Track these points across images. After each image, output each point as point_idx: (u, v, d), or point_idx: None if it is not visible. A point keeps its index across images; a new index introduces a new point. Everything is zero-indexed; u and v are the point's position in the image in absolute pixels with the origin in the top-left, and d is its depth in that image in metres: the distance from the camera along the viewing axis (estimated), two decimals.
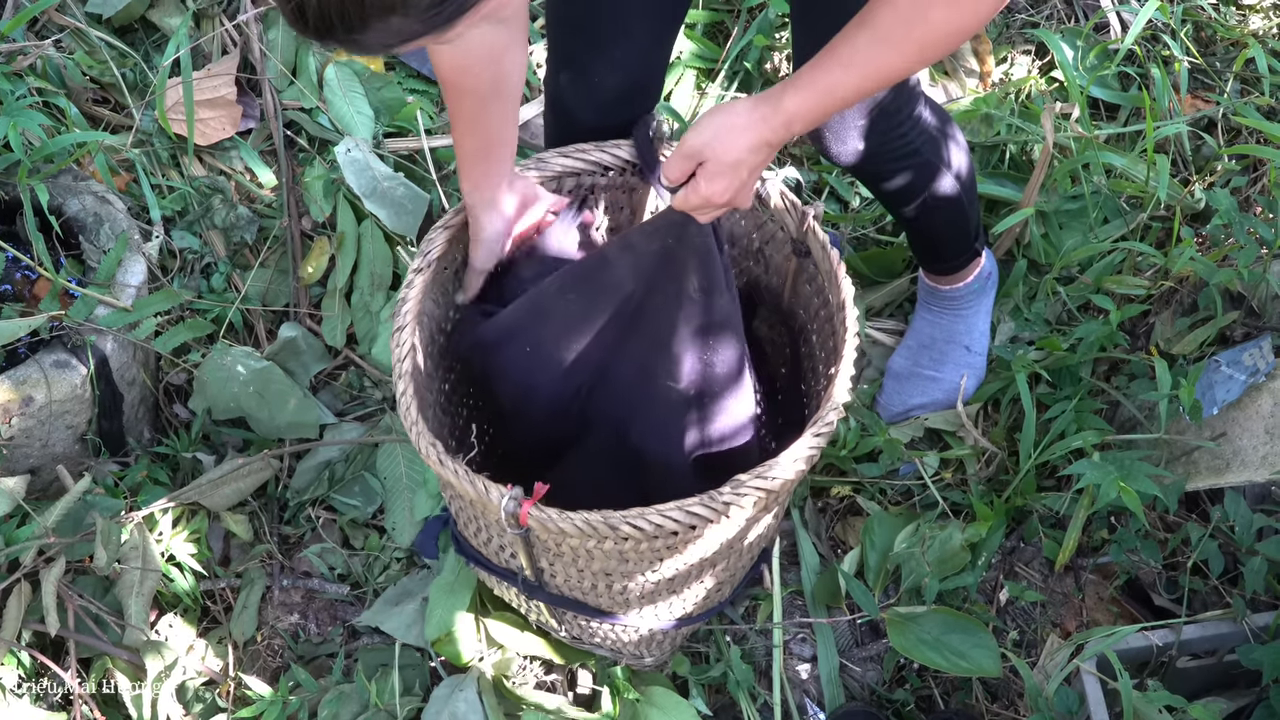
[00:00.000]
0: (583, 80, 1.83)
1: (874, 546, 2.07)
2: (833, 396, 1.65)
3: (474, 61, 1.64)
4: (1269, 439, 1.91)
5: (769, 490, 1.57)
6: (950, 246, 2.14)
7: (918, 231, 2.13)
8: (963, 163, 1.98)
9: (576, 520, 1.53)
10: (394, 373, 1.69)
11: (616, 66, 1.80)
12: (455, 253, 1.88)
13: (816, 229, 1.81)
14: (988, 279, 2.23)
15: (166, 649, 1.94)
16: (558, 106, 1.91)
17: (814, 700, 2.02)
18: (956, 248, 2.14)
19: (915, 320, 2.27)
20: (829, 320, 1.82)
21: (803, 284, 1.92)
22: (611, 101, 1.85)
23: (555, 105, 1.91)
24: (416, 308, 1.76)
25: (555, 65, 1.85)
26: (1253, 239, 2.04)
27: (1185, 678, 1.90)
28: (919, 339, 2.25)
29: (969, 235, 2.13)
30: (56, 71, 2.43)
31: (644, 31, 1.79)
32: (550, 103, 1.92)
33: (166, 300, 2.19)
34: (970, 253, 2.15)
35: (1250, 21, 2.69)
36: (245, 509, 2.19)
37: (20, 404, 1.99)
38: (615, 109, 1.86)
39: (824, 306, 1.84)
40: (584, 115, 1.87)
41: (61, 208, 2.21)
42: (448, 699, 1.92)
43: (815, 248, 1.82)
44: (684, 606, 1.86)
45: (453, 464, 1.58)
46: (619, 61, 1.80)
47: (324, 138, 2.53)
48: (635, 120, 1.86)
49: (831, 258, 1.78)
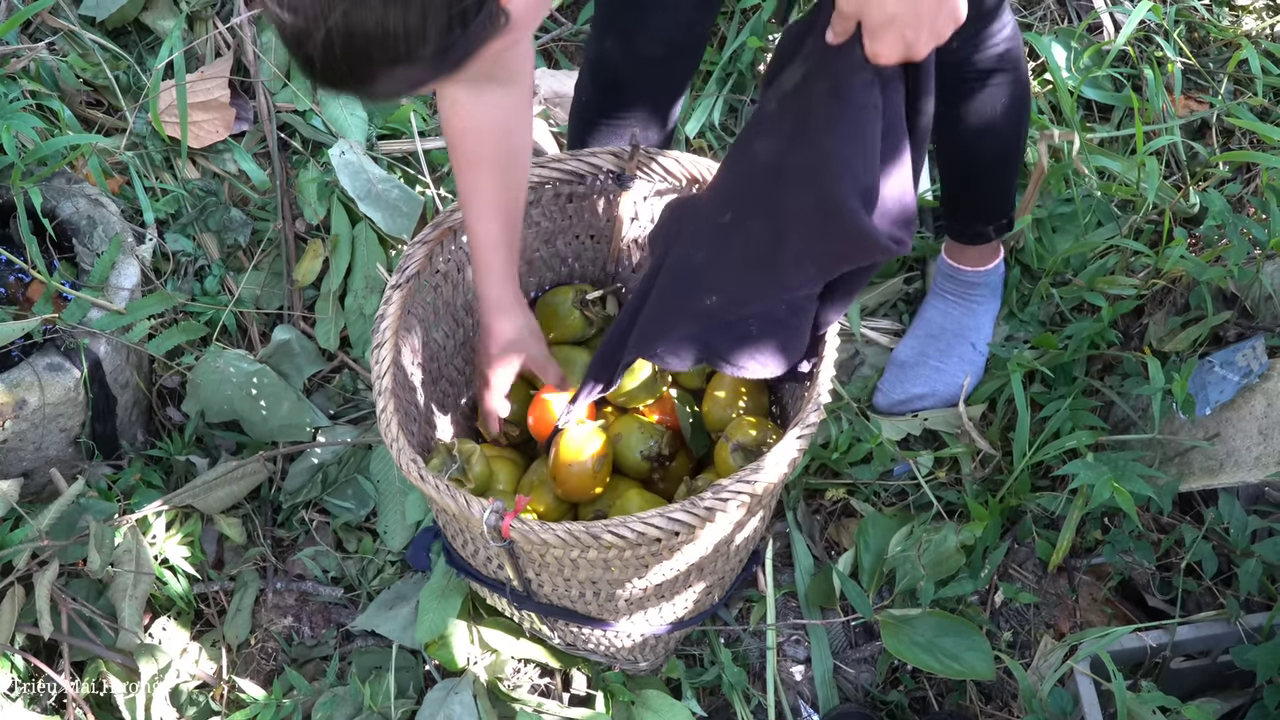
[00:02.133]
0: (624, 45, 1.88)
1: (868, 548, 2.07)
2: (814, 396, 1.65)
3: (487, 127, 1.66)
4: (1262, 439, 1.91)
5: (752, 494, 1.57)
6: (992, 202, 2.13)
7: (969, 176, 2.11)
8: (1027, 102, 1.97)
9: (558, 531, 1.54)
10: (374, 389, 1.69)
11: (656, 33, 1.85)
12: (436, 264, 1.88)
13: None
14: (1000, 278, 2.26)
15: (160, 652, 1.94)
16: (598, 70, 1.96)
17: (808, 702, 2.02)
18: (997, 205, 2.13)
19: (925, 309, 2.28)
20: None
21: None
22: (650, 66, 1.90)
23: (596, 68, 1.96)
24: (395, 324, 1.76)
25: (599, 29, 1.90)
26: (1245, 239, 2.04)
27: (1179, 679, 1.90)
28: (928, 329, 2.26)
29: (1011, 194, 2.13)
30: (50, 74, 2.43)
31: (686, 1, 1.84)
32: (591, 66, 1.97)
33: (160, 303, 2.19)
34: (1006, 220, 2.15)
35: (1243, 22, 2.69)
36: (239, 512, 2.18)
37: (14, 407, 1.98)
38: (653, 74, 1.92)
39: None
40: (624, 78, 1.92)
41: (55, 210, 2.21)
42: (442, 702, 1.92)
43: None
44: (675, 611, 1.86)
45: (434, 479, 1.59)
46: (659, 28, 1.85)
47: (317, 140, 2.53)
48: (673, 85, 1.93)
49: None
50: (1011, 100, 1.93)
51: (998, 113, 1.93)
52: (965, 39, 1.83)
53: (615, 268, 2.10)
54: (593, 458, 1.85)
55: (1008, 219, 2.16)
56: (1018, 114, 1.97)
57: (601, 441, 1.86)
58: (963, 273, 2.23)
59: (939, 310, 2.26)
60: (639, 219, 2.04)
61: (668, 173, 1.93)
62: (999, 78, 1.89)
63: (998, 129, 1.96)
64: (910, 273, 2.40)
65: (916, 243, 2.40)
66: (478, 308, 1.87)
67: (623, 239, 2.07)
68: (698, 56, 1.96)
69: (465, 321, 2.01)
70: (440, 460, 1.81)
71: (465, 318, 2.01)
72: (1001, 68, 1.88)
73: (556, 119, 2.64)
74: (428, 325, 1.91)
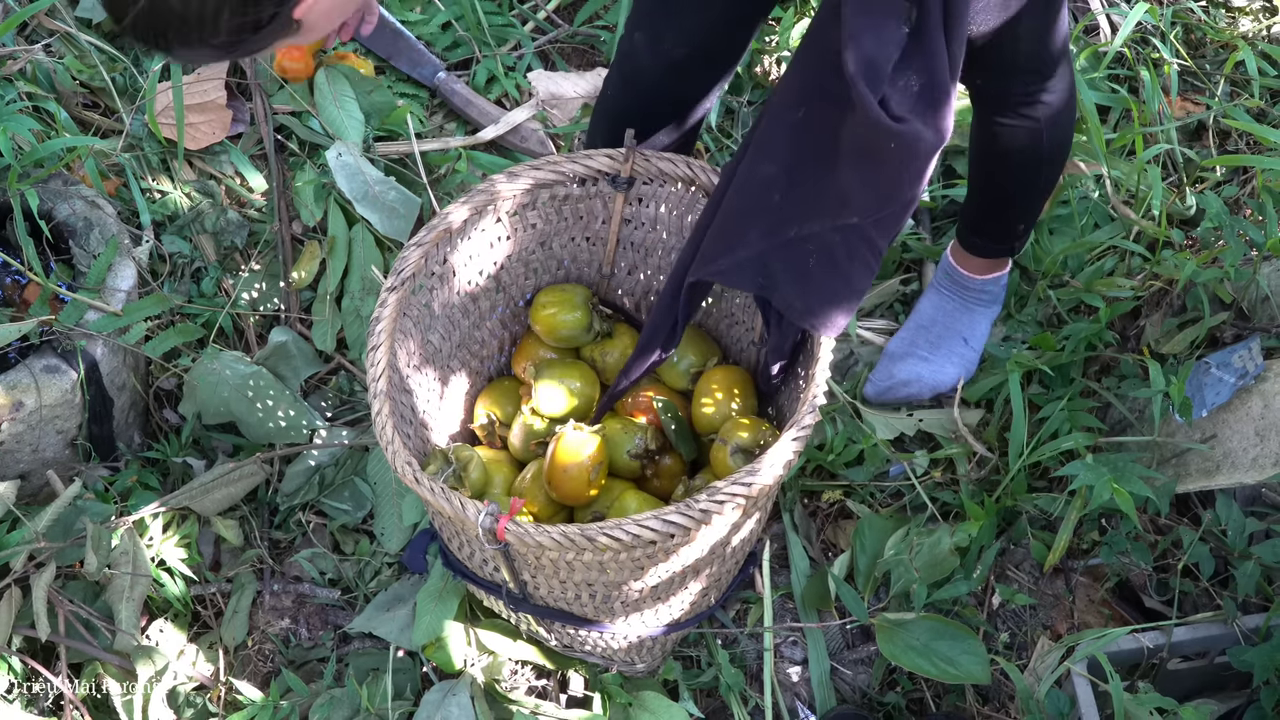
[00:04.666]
0: (652, 42, 1.86)
1: (864, 550, 2.07)
2: (808, 399, 1.65)
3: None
4: (1259, 441, 1.91)
5: (747, 496, 1.57)
6: (1014, 228, 2.12)
7: (998, 201, 2.10)
8: (1067, 148, 1.97)
9: (553, 533, 1.54)
10: (369, 392, 1.69)
11: (686, 35, 1.83)
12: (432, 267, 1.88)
13: None
14: (1003, 288, 2.25)
15: (157, 654, 1.94)
16: (623, 62, 1.94)
17: (805, 703, 2.02)
18: (1018, 230, 2.13)
19: (920, 303, 2.28)
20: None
21: None
22: (674, 67, 1.88)
23: (621, 60, 1.94)
24: (390, 327, 1.76)
25: (631, 22, 1.88)
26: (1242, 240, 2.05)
27: (1176, 680, 1.90)
28: (919, 320, 2.25)
29: (1032, 222, 2.12)
30: (46, 76, 2.43)
31: (723, 6, 1.81)
32: (618, 59, 1.96)
33: (157, 305, 2.19)
34: (1020, 239, 2.15)
35: (1240, 24, 2.70)
36: (236, 514, 2.18)
37: (10, 409, 1.98)
38: (676, 75, 1.89)
39: None
40: (646, 75, 1.90)
41: (51, 212, 2.21)
42: (439, 703, 1.92)
43: None
44: (671, 613, 1.86)
45: (429, 482, 1.59)
46: (689, 30, 1.83)
47: (314, 142, 2.53)
48: (695, 90, 1.91)
49: None
50: (1054, 147, 1.92)
51: (1045, 145, 1.91)
52: (1022, 84, 1.82)
53: (611, 270, 2.10)
54: (589, 459, 1.85)
55: (1025, 238, 2.16)
56: (1058, 159, 1.96)
57: (597, 445, 1.86)
58: (965, 278, 2.22)
59: (933, 304, 2.26)
60: (634, 222, 2.04)
61: (664, 175, 1.93)
62: (1055, 114, 1.87)
63: (1043, 157, 1.95)
64: (907, 274, 2.40)
65: (914, 244, 2.41)
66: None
67: (619, 242, 2.07)
68: (727, 67, 1.92)
69: (461, 324, 2.01)
70: (436, 466, 1.81)
71: (462, 320, 2.01)
72: (1052, 116, 1.86)
73: (554, 120, 2.64)
74: (424, 328, 1.91)
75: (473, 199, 1.89)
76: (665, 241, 2.07)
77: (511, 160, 2.58)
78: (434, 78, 2.66)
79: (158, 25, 1.20)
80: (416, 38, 2.71)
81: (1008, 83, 1.82)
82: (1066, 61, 1.82)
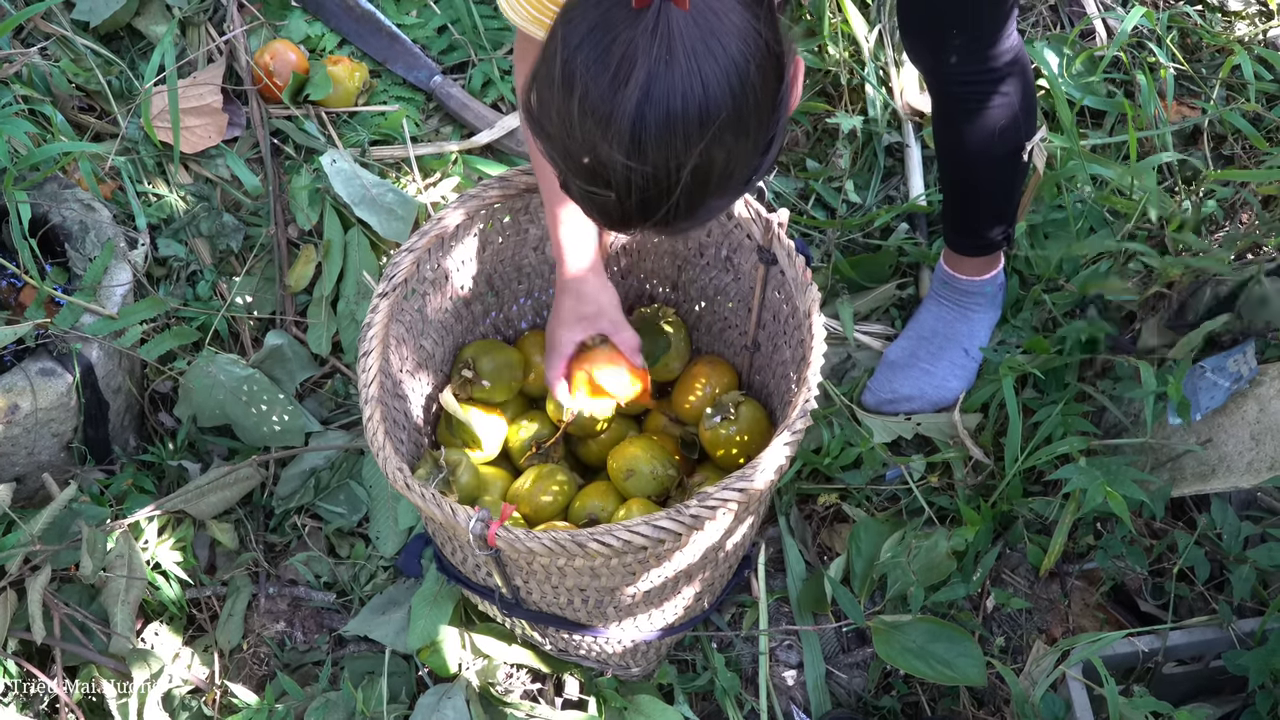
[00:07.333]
0: None
1: (860, 553, 2.07)
2: (800, 403, 1.66)
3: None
4: (1254, 445, 1.91)
5: (739, 500, 1.57)
6: (994, 215, 2.13)
7: (970, 189, 2.11)
8: (1032, 115, 1.98)
9: (544, 539, 1.54)
10: (361, 397, 1.69)
11: None
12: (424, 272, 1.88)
13: (782, 236, 1.82)
14: (1000, 289, 2.25)
15: (152, 657, 1.94)
16: None
17: (800, 707, 2.02)
18: (998, 218, 2.13)
19: (920, 313, 2.27)
20: (797, 327, 1.82)
21: (771, 291, 1.92)
22: None
23: None
24: (382, 332, 1.77)
25: None
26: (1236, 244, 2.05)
27: (1171, 684, 1.90)
28: (920, 330, 2.25)
29: (1013, 207, 2.12)
30: (42, 79, 2.43)
31: None
32: None
33: (152, 308, 2.19)
34: (1004, 234, 2.15)
35: (1236, 28, 2.70)
36: (231, 517, 2.18)
37: (6, 412, 1.98)
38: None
39: (793, 314, 1.85)
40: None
41: (47, 216, 2.21)
42: (434, 707, 1.92)
43: (781, 255, 1.83)
44: (665, 617, 1.86)
45: (420, 488, 1.59)
46: None
47: (310, 146, 2.53)
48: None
49: (798, 264, 1.79)
50: (1015, 115, 1.92)
51: (1000, 127, 1.92)
52: (968, 52, 1.83)
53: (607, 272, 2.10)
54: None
55: (1008, 231, 2.15)
56: (1021, 129, 1.96)
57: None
58: (960, 281, 2.22)
59: (933, 314, 2.26)
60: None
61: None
62: (1003, 90, 1.88)
63: (1000, 143, 1.95)
64: (904, 279, 2.40)
65: (911, 249, 2.40)
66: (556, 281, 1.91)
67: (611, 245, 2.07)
68: None
69: (454, 329, 2.01)
70: (427, 470, 1.81)
71: (454, 325, 2.01)
72: (1005, 82, 1.88)
73: None
74: (417, 333, 1.91)
75: (466, 203, 1.89)
76: (662, 242, 2.07)
77: (507, 164, 2.58)
78: (430, 81, 2.66)
79: (697, 186, 1.19)
80: (412, 41, 2.71)
81: (943, 39, 1.84)
82: (1005, 28, 1.83)
